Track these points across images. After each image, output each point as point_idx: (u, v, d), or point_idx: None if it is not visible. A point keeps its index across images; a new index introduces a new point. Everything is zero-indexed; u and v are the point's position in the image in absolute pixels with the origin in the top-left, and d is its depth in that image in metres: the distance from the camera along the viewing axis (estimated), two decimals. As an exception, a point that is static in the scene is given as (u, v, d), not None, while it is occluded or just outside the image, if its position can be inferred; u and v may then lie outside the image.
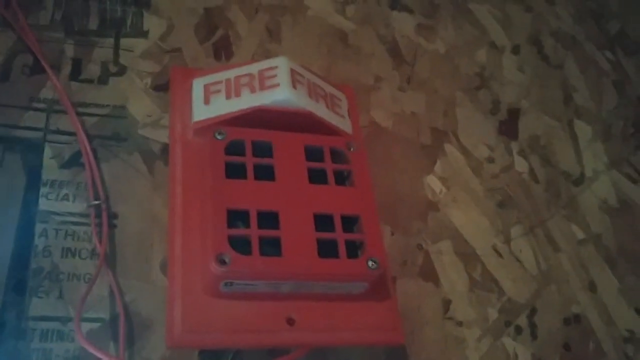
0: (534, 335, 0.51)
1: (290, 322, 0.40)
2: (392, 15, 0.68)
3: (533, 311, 0.53)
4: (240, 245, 0.38)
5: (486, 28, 0.72)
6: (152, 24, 0.56)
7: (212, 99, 0.45)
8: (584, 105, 0.70)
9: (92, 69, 0.52)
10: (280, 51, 0.59)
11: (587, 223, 0.61)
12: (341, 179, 0.45)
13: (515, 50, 0.71)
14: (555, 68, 0.72)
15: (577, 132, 0.67)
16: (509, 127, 0.64)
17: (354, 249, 0.42)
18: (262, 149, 0.43)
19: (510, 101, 0.66)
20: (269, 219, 0.40)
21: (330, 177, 0.44)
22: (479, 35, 0.71)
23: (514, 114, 0.66)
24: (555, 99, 0.69)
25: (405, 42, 0.66)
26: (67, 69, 0.51)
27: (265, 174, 0.42)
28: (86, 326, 0.41)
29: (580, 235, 0.59)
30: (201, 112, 0.45)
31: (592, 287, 0.56)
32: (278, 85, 0.44)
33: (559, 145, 0.65)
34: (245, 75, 0.46)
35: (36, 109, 0.48)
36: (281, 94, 0.44)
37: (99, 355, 0.38)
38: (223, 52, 0.57)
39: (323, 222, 0.41)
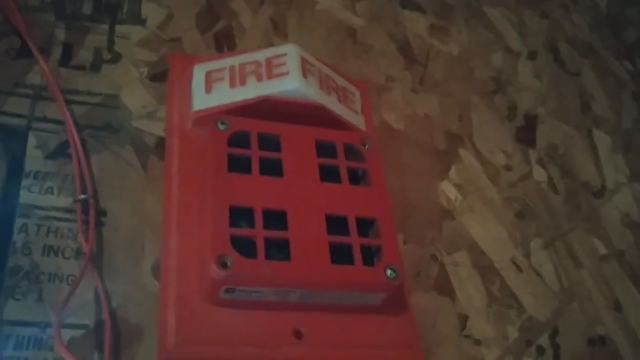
0: (556, 357, 0.47)
1: (298, 335, 0.36)
2: (404, 13, 0.64)
3: (555, 331, 0.49)
4: (244, 247, 0.34)
5: (501, 32, 0.69)
6: (151, 11, 0.52)
7: (214, 87, 0.41)
8: (602, 115, 0.67)
9: (84, 55, 0.48)
10: (286, 45, 0.55)
11: (609, 238, 0.57)
12: (355, 178, 0.41)
13: (532, 56, 0.68)
14: (572, 76, 0.69)
15: (597, 143, 0.64)
16: (526, 134, 0.60)
17: (368, 256, 0.38)
18: (269, 143, 0.39)
19: (527, 107, 0.63)
20: (275, 219, 0.36)
21: (344, 176, 0.40)
22: (493, 39, 0.67)
23: (532, 121, 0.62)
24: (572, 107, 0.66)
25: (418, 42, 0.62)
26: (56, 54, 0.47)
27: (272, 169, 0.38)
28: (67, 333, 0.36)
29: (603, 250, 0.56)
30: (202, 101, 0.41)
31: (617, 307, 0.52)
32: (287, 73, 0.41)
33: (578, 155, 0.62)
34: (252, 62, 0.42)
35: (21, 95, 0.44)
36: (291, 84, 0.40)
37: (79, 366, 0.33)
38: (225, 44, 0.53)
39: (336, 224, 0.37)
